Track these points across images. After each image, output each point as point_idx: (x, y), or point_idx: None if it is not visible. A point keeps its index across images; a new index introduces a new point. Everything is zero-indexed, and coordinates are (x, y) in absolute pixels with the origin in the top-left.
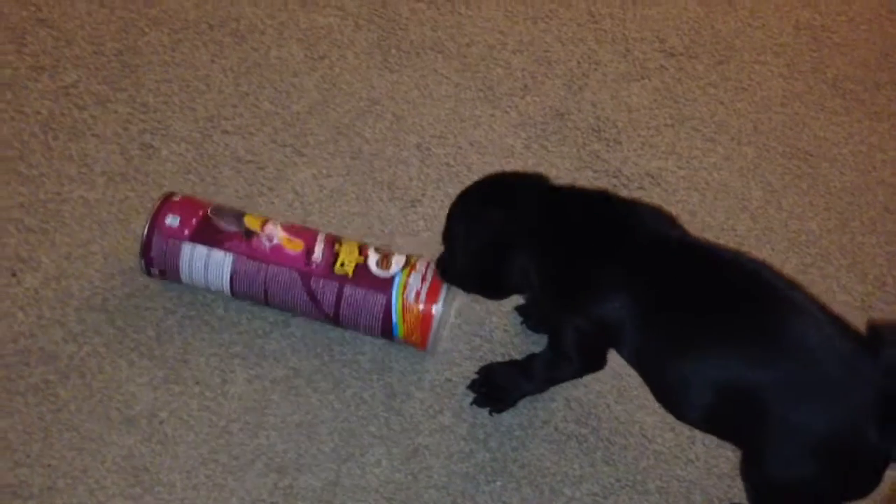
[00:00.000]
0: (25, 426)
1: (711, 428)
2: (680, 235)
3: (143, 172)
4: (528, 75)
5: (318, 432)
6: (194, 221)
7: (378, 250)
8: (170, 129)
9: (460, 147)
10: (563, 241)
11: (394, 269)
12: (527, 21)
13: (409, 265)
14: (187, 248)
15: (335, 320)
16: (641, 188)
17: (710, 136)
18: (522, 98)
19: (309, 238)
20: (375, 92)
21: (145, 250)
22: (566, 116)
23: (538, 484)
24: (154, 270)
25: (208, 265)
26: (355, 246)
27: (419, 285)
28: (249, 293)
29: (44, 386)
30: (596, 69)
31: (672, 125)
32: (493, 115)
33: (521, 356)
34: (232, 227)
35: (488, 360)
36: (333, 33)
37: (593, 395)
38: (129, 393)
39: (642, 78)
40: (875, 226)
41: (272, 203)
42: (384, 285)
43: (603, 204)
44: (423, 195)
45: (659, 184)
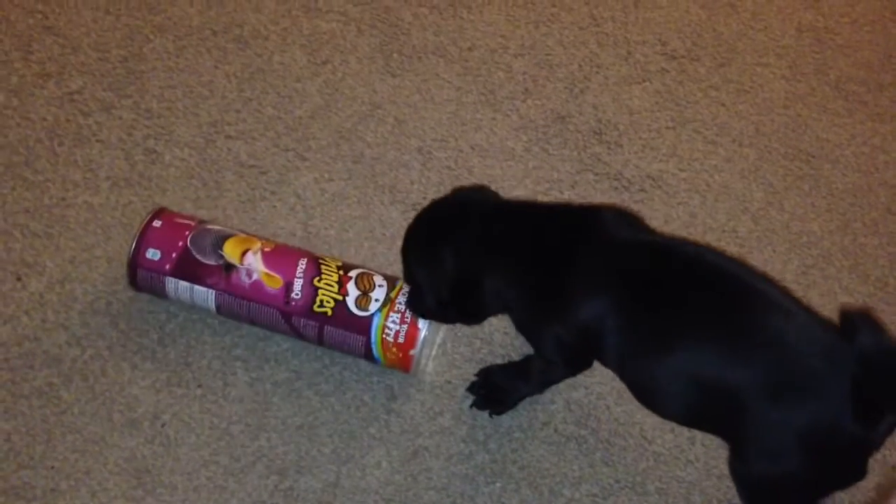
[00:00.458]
0: (29, 428)
1: (695, 424)
2: (647, 236)
3: (147, 178)
4: (529, 79)
5: (319, 434)
6: (174, 256)
7: (359, 282)
8: (173, 134)
9: (461, 151)
10: (529, 254)
11: (372, 307)
12: (528, 25)
13: (388, 303)
14: (171, 281)
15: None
16: (643, 190)
17: (712, 139)
18: (524, 101)
19: (289, 271)
20: (377, 96)
21: (131, 281)
22: (567, 119)
23: (538, 485)
24: (144, 293)
25: (193, 297)
26: (335, 277)
27: (398, 326)
28: (238, 320)
29: (47, 389)
30: (597, 72)
31: (673, 127)
32: (494, 119)
33: (520, 358)
34: (211, 260)
35: (488, 362)
36: (336, 38)
37: (593, 397)
38: (132, 396)
39: (644, 81)
40: (877, 227)
41: (274, 207)
42: (363, 326)
43: (563, 212)
44: (425, 199)
45: (660, 186)
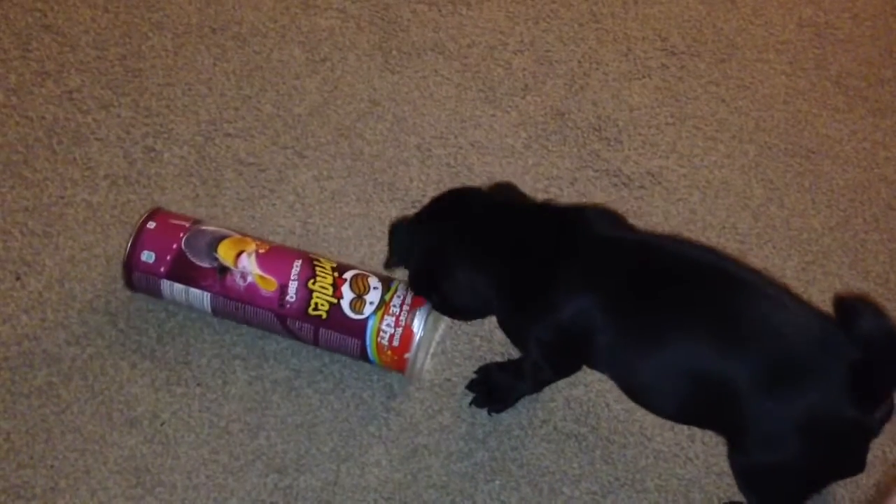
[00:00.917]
0: (28, 427)
1: (690, 419)
2: (630, 233)
3: (146, 176)
4: (528, 75)
5: (318, 432)
6: (169, 258)
7: (354, 285)
8: (172, 132)
9: (461, 147)
10: (509, 252)
11: (367, 311)
12: (528, 21)
13: (382, 306)
14: (166, 284)
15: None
16: (642, 187)
17: (712, 135)
18: (523, 98)
19: (283, 273)
20: (376, 93)
21: (127, 282)
22: (567, 116)
23: (537, 483)
24: (141, 294)
25: (189, 299)
26: (329, 279)
27: (392, 329)
28: (234, 321)
29: (47, 388)
30: (597, 68)
31: (673, 124)
32: (493, 116)
33: (519, 356)
34: (205, 262)
35: (487, 359)
36: (335, 35)
37: (593, 394)
38: (131, 394)
39: (643, 77)
40: (878, 223)
41: (273, 205)
42: (358, 329)
43: (545, 211)
44: (424, 196)
45: (660, 182)
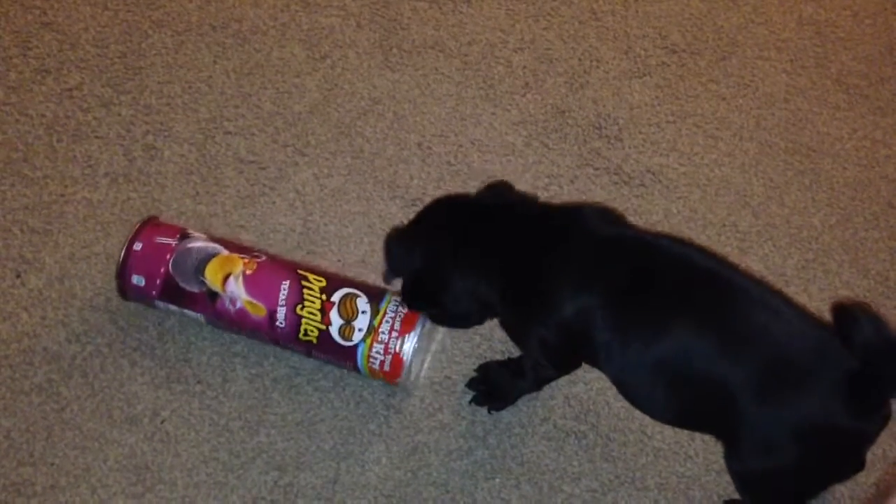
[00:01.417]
0: (29, 425)
1: (685, 423)
2: (629, 232)
3: (146, 174)
4: (529, 73)
5: (318, 430)
6: (158, 282)
7: (342, 309)
8: (172, 130)
9: (461, 146)
10: (509, 255)
11: (356, 338)
12: (528, 19)
13: (371, 332)
14: (160, 303)
15: None
16: (642, 185)
17: (712, 133)
18: (523, 96)
19: (271, 298)
20: (376, 91)
21: (123, 297)
22: (567, 114)
23: (537, 481)
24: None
25: (184, 316)
26: (317, 304)
27: (382, 356)
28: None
29: (47, 385)
30: (597, 66)
31: (673, 122)
32: (493, 114)
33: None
34: (194, 287)
35: (487, 357)
36: (335, 33)
37: (593, 392)
38: (131, 392)
39: (644, 75)
40: (878, 221)
41: (273, 203)
42: (349, 353)
43: (543, 212)
44: (424, 194)
45: (660, 181)
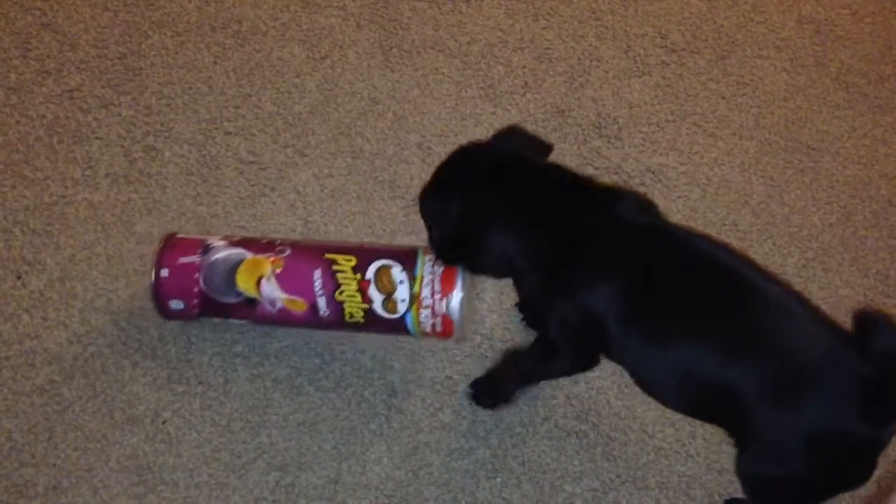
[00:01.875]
0: (31, 426)
1: (697, 417)
2: (662, 226)
3: (147, 174)
4: (528, 73)
5: (320, 430)
6: (196, 302)
7: (379, 284)
8: (172, 130)
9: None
10: (546, 223)
11: (401, 309)
12: (528, 18)
13: (413, 301)
14: (204, 319)
15: None
16: (642, 184)
17: (712, 132)
18: (523, 95)
19: (307, 290)
20: (377, 91)
21: (167, 319)
22: (567, 113)
23: (538, 480)
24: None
25: (229, 324)
26: (354, 286)
27: (431, 319)
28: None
29: (49, 386)
30: (597, 66)
31: (673, 121)
32: (493, 113)
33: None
34: (231, 298)
35: (488, 357)
36: (335, 33)
37: (594, 392)
38: (133, 393)
39: (643, 74)
40: (878, 220)
41: (274, 203)
42: (398, 325)
43: (585, 187)
44: None
45: (660, 180)
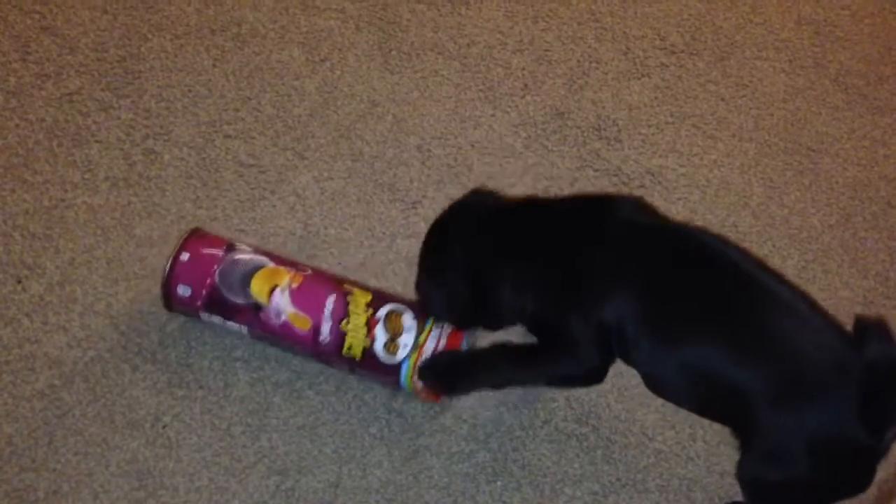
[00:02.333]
0: (31, 431)
1: (710, 417)
2: (664, 226)
3: (146, 178)
4: (528, 75)
5: (320, 434)
6: (204, 293)
7: (388, 325)
8: (172, 134)
9: (461, 148)
10: (547, 253)
11: (400, 354)
12: (527, 21)
13: (416, 349)
14: (203, 314)
15: None
16: (642, 186)
17: (711, 133)
18: (523, 98)
19: (316, 312)
20: (376, 94)
21: (168, 308)
22: (566, 115)
23: (539, 483)
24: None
25: (226, 328)
26: (363, 319)
27: None
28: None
29: (49, 391)
30: (596, 68)
31: (673, 123)
32: (493, 116)
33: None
34: (240, 298)
35: None
36: (334, 36)
37: (594, 395)
38: (133, 397)
39: (643, 76)
40: (877, 221)
41: (274, 206)
42: (393, 370)
43: (576, 205)
44: (424, 196)
45: (660, 182)
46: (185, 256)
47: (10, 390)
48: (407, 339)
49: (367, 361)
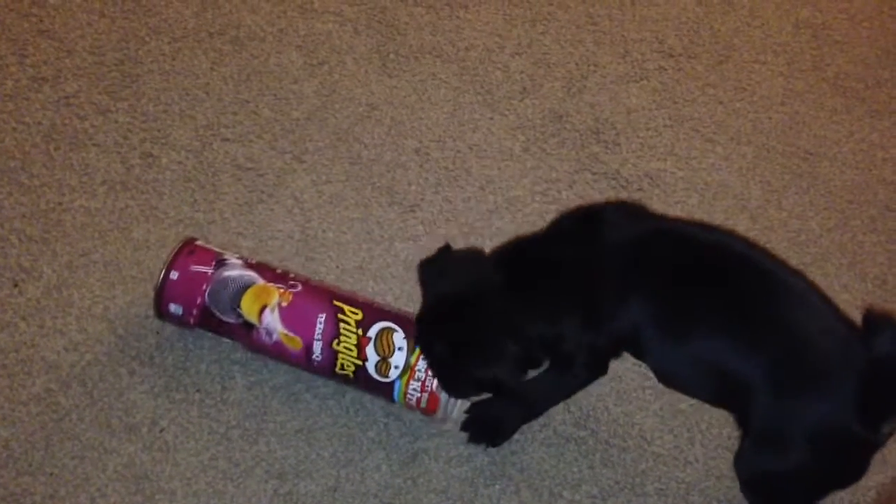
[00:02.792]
0: (27, 435)
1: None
2: (659, 225)
3: (144, 181)
4: (526, 78)
5: (318, 438)
6: (195, 312)
7: (378, 345)
8: (170, 137)
9: (459, 151)
10: (560, 289)
11: (392, 375)
12: (525, 24)
13: (407, 370)
14: (198, 329)
15: None
16: (640, 189)
17: (710, 137)
18: (521, 101)
19: (307, 331)
20: (374, 97)
21: (162, 321)
22: (565, 119)
23: (537, 487)
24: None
25: (220, 341)
26: (353, 340)
27: (418, 394)
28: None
29: (45, 395)
30: (594, 71)
31: (671, 126)
32: (491, 119)
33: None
34: (230, 318)
35: None
36: (332, 39)
37: (592, 398)
38: (130, 401)
39: (641, 79)
40: (875, 224)
41: (272, 210)
42: (385, 389)
43: (564, 229)
44: (423, 200)
45: (658, 185)
46: (174, 275)
47: (7, 394)
48: (398, 359)
49: (359, 380)
